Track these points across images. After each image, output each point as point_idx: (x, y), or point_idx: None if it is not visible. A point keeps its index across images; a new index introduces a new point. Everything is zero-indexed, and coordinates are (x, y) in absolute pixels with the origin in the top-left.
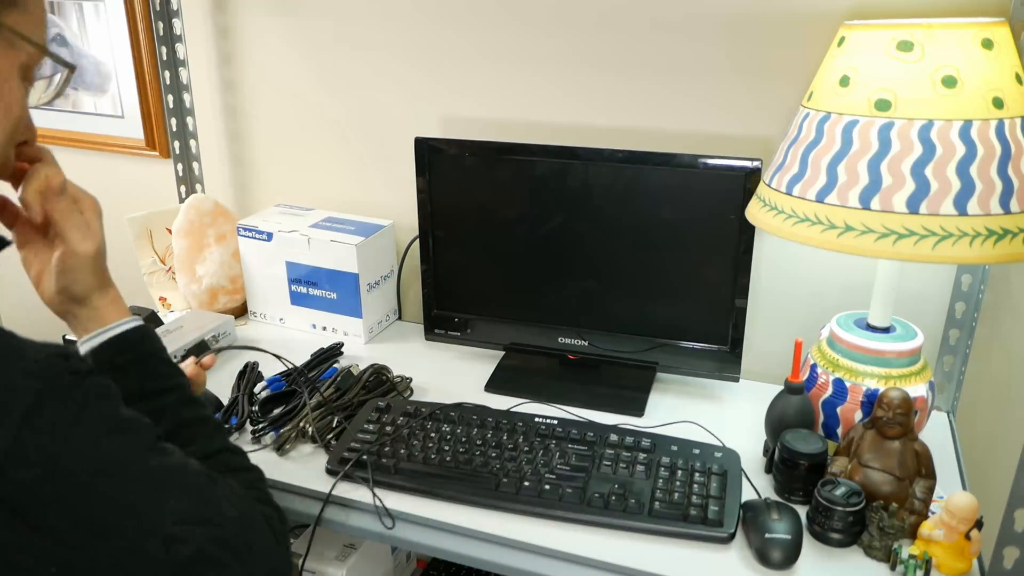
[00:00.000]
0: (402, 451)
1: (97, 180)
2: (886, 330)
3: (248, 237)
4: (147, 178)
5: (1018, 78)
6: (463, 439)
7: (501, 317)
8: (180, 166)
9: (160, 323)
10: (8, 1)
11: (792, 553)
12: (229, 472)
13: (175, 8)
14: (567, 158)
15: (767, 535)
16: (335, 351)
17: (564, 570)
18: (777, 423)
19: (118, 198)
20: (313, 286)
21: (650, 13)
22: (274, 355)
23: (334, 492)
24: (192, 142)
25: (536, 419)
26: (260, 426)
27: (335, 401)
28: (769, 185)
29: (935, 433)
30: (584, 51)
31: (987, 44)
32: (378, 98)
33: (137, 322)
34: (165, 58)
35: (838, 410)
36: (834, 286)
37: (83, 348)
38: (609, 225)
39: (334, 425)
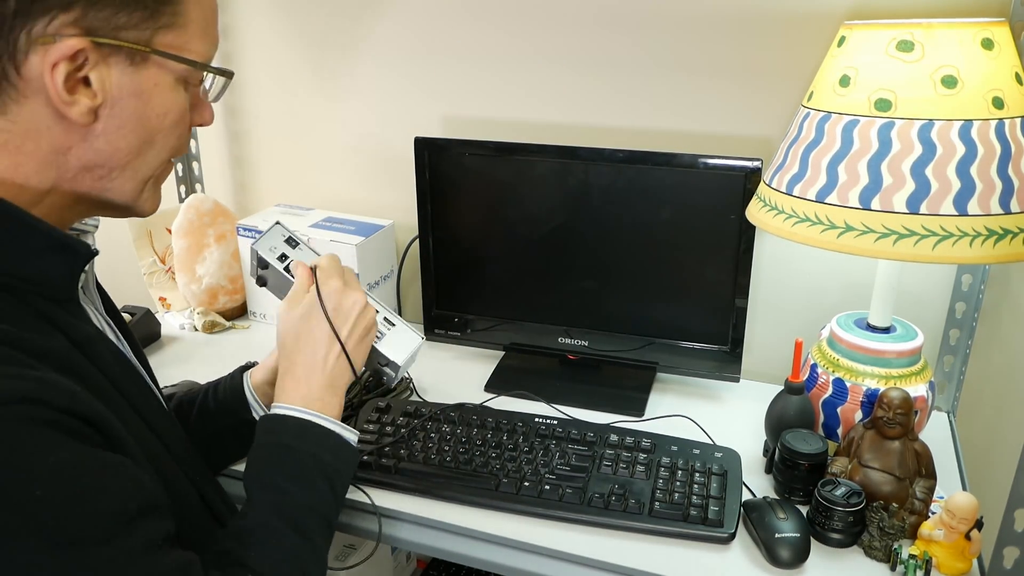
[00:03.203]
0: (402, 451)
1: None
2: (886, 330)
3: (248, 237)
4: None
5: (1018, 78)
6: (463, 439)
7: (501, 317)
8: (180, 166)
9: (156, 323)
10: (161, 23)
11: (803, 551)
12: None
13: None
14: (567, 158)
15: (777, 535)
16: None
17: (564, 570)
18: (777, 423)
19: None
20: None
21: (650, 13)
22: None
23: None
24: (192, 142)
25: (536, 419)
26: None
27: None
28: (769, 185)
29: (935, 433)
30: (584, 51)
31: (987, 44)
32: (378, 98)
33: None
34: None
35: (838, 410)
36: (834, 286)
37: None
38: (609, 225)
39: None
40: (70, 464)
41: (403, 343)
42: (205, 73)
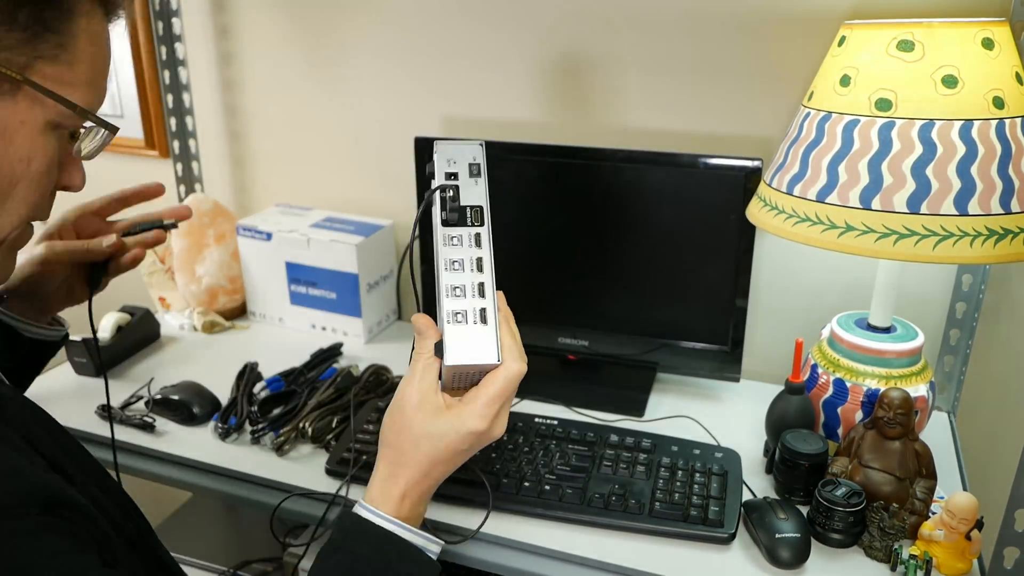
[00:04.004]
0: None
1: (96, 180)
2: (887, 330)
3: (248, 237)
4: (147, 178)
5: (1018, 78)
6: None
7: None
8: (180, 166)
9: (156, 323)
10: (42, 51)
11: (803, 551)
12: None
13: (175, 8)
14: (567, 158)
15: (777, 535)
16: (335, 351)
17: (564, 570)
18: (777, 423)
19: None
20: (313, 286)
21: (650, 14)
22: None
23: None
24: (192, 142)
25: (536, 419)
26: (259, 426)
27: (335, 401)
28: (770, 185)
29: (935, 433)
30: (585, 51)
31: (987, 44)
32: (378, 98)
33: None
34: (165, 58)
35: (838, 410)
36: (834, 286)
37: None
38: (609, 225)
39: (334, 425)
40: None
41: (472, 347)
42: (81, 130)
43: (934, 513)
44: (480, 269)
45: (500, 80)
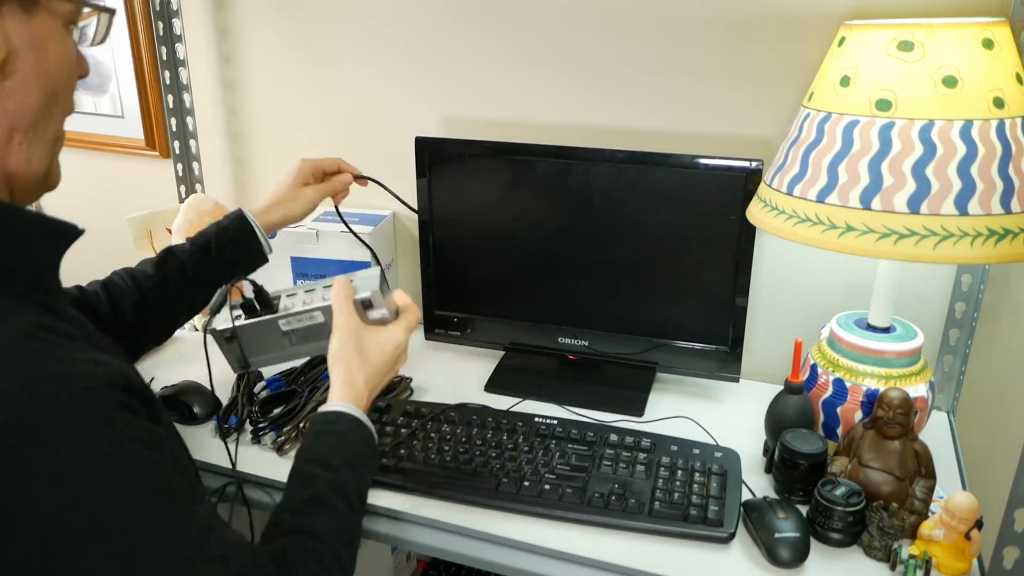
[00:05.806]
0: (402, 451)
1: (97, 180)
2: (886, 330)
3: None
4: (147, 178)
5: (1018, 78)
6: (463, 439)
7: (501, 317)
8: (180, 166)
9: None
10: None
11: (803, 551)
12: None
13: (175, 8)
14: (567, 158)
15: (777, 534)
16: None
17: (564, 570)
18: (777, 423)
19: (118, 198)
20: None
21: (651, 14)
22: None
23: None
24: (192, 142)
25: (536, 419)
26: (260, 426)
27: None
28: (770, 185)
29: (935, 433)
30: (584, 51)
31: (988, 44)
32: (378, 98)
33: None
34: (165, 58)
35: (838, 410)
36: (834, 286)
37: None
38: (609, 225)
39: None
40: (153, 439)
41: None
42: (81, 22)
43: (934, 513)
44: None
45: (500, 80)
